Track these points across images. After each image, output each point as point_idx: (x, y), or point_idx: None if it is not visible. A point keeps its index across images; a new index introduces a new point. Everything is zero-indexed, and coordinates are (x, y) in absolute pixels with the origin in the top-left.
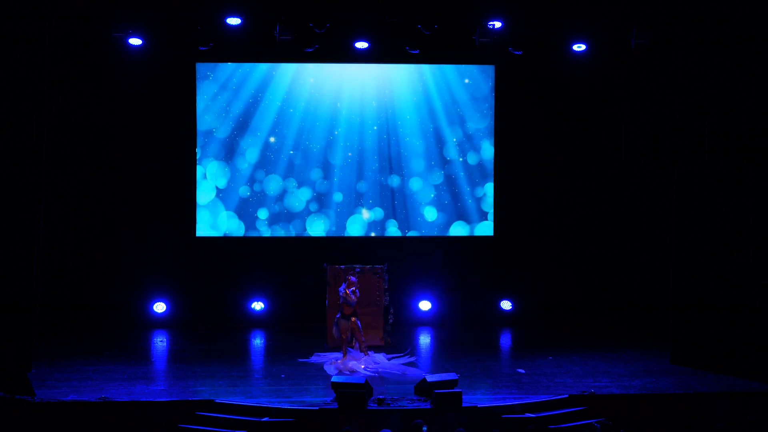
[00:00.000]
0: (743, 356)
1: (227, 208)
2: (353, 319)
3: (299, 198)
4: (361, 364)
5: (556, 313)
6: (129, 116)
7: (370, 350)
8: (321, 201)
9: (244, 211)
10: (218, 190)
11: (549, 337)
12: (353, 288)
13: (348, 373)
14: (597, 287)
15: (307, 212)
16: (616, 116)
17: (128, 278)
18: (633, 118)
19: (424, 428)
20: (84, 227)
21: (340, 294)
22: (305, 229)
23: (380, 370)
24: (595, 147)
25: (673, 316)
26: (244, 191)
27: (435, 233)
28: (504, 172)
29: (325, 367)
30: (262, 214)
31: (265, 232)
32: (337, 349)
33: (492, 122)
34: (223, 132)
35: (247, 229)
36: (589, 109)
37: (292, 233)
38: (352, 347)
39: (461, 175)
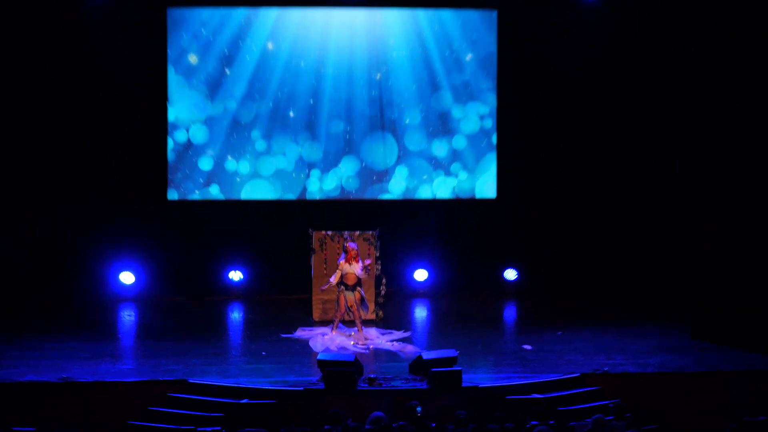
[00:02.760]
0: None
1: (202, 168)
2: (357, 289)
3: (281, 157)
4: (351, 340)
5: (566, 283)
6: (97, 68)
7: (361, 325)
8: (305, 161)
9: (221, 171)
10: (192, 149)
11: (557, 310)
12: (353, 255)
13: (336, 349)
14: (611, 256)
15: (289, 173)
16: (630, 70)
17: (92, 245)
18: (648, 73)
19: (419, 409)
20: (43, 190)
21: (339, 264)
22: (288, 191)
23: (372, 346)
24: (608, 104)
25: (694, 287)
26: (220, 150)
27: (431, 195)
28: (507, 128)
29: (311, 344)
30: (241, 174)
31: (244, 194)
32: (324, 323)
33: (495, 73)
34: (197, 86)
35: (223, 192)
36: (600, 61)
37: (274, 196)
38: (346, 321)
39: (461, 131)
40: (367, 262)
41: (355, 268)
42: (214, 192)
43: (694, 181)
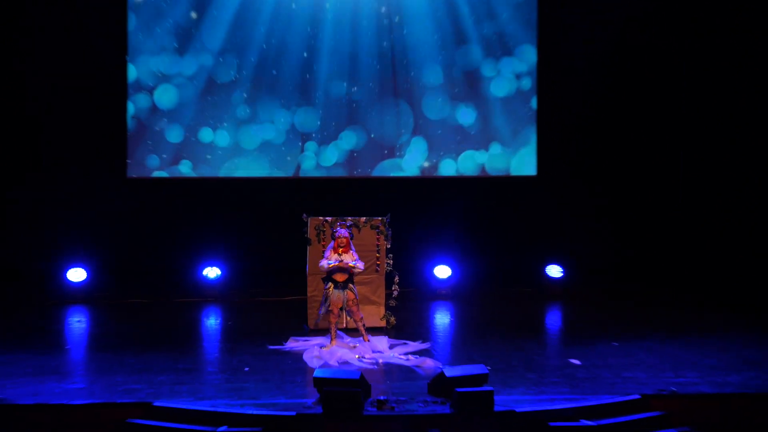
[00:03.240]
0: None
1: (170, 140)
2: (350, 286)
3: (269, 127)
4: (356, 353)
5: (623, 282)
6: (42, 16)
7: (368, 333)
8: (298, 131)
9: (193, 143)
10: (158, 116)
11: (613, 315)
12: (343, 243)
13: (337, 365)
14: (679, 248)
15: (279, 146)
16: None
17: (33, 235)
18: (713, 32)
19: None
20: None
21: (325, 258)
22: (277, 168)
23: (381, 360)
24: (668, 66)
25: None
26: (193, 118)
27: (455, 172)
28: (550, 90)
29: (305, 357)
30: (219, 147)
31: (223, 172)
32: (322, 332)
33: (535, 21)
34: (164, 38)
35: (197, 169)
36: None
37: (260, 173)
38: (344, 329)
39: (493, 94)
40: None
41: (346, 261)
42: (185, 169)
43: None
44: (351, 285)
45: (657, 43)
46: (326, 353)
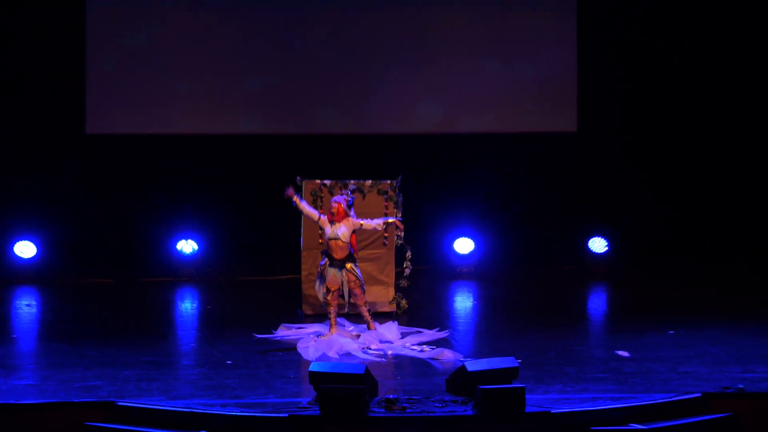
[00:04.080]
0: None
1: (138, 89)
2: (348, 266)
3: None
4: (359, 343)
5: (680, 258)
6: None
7: (374, 320)
8: (287, 75)
9: (166, 93)
10: (124, 59)
11: (668, 298)
12: (340, 212)
13: (337, 357)
14: (747, 219)
15: (265, 91)
16: None
17: None
18: None
19: None
20: None
21: (320, 220)
22: (265, 122)
23: (390, 352)
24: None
25: None
26: (165, 65)
27: (480, 127)
28: (595, 29)
29: (299, 348)
30: (195, 99)
31: (198, 126)
32: (319, 318)
33: None
34: None
35: (169, 123)
36: None
37: (244, 128)
38: (345, 315)
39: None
40: (379, 222)
41: (342, 233)
42: (156, 124)
43: None
44: (351, 265)
45: None
46: (324, 343)
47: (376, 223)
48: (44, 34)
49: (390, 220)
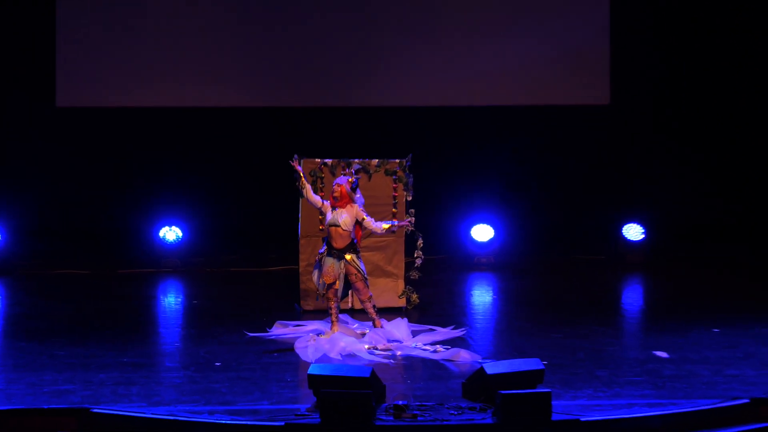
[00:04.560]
0: None
1: (114, 57)
2: (349, 258)
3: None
4: (365, 343)
5: (726, 247)
6: None
7: (381, 317)
8: (282, 35)
9: (145, 61)
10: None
11: (712, 291)
12: (344, 196)
13: (340, 358)
14: None
15: (257, 57)
16: None
17: None
18: None
19: None
20: None
21: (323, 206)
22: (255, 92)
23: (400, 352)
24: None
25: None
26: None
27: (501, 99)
28: None
29: (297, 348)
30: (178, 69)
31: (182, 98)
32: (320, 314)
33: None
34: None
35: (147, 96)
36: None
37: (233, 101)
38: (349, 310)
39: None
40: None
41: (343, 219)
42: (135, 95)
43: None
44: (352, 256)
45: None
46: (325, 343)
47: (379, 226)
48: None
49: (397, 225)
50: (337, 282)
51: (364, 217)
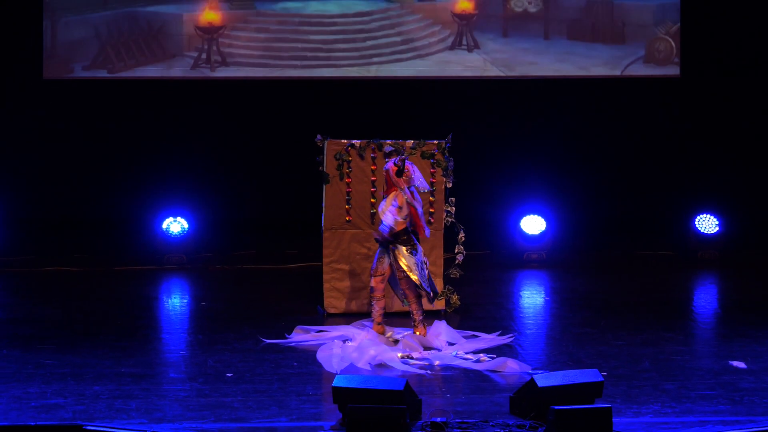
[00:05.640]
0: None
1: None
2: (396, 249)
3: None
4: (398, 351)
5: None
6: None
7: (425, 322)
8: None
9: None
10: None
11: None
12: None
13: (368, 368)
14: None
15: (279, 32)
16: None
17: None
18: None
19: None
20: None
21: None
22: (274, 63)
23: (438, 362)
24: None
25: None
26: None
27: (552, 71)
28: None
29: (320, 357)
30: (181, 33)
31: (187, 68)
32: (345, 317)
33: None
34: None
35: (148, 67)
36: None
37: (247, 72)
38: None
39: None
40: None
41: (382, 206)
42: (131, 64)
43: None
44: (400, 246)
45: None
46: (352, 351)
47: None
48: None
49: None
50: (382, 277)
51: (392, 204)
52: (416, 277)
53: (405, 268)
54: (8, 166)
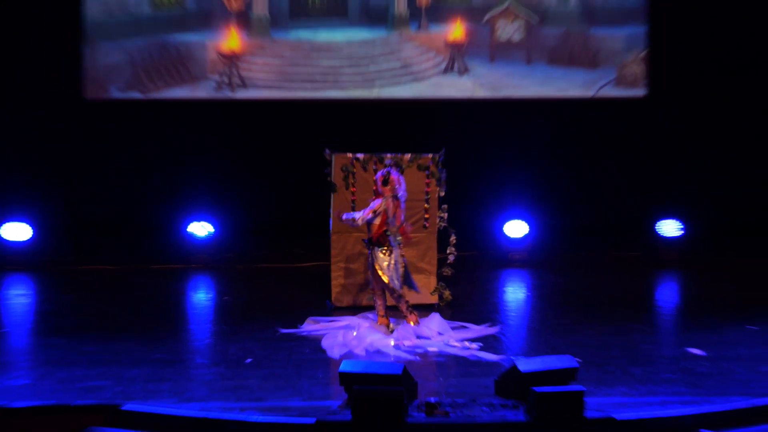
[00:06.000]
0: None
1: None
2: (371, 251)
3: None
4: (392, 339)
5: (765, 243)
6: None
7: (415, 313)
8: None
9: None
10: (125, 18)
11: (749, 288)
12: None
13: (364, 354)
14: None
15: (292, 58)
16: None
17: None
18: None
19: None
20: None
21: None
22: (288, 85)
23: (434, 348)
24: None
25: None
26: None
27: (534, 93)
28: None
29: (324, 344)
30: (206, 59)
31: (211, 90)
32: (350, 310)
33: None
34: None
35: (178, 84)
36: None
37: (265, 93)
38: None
39: None
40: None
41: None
42: (163, 87)
43: None
44: (376, 249)
45: None
46: (352, 339)
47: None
48: None
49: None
50: (369, 273)
51: (371, 206)
52: (386, 278)
53: (377, 268)
54: (53, 178)
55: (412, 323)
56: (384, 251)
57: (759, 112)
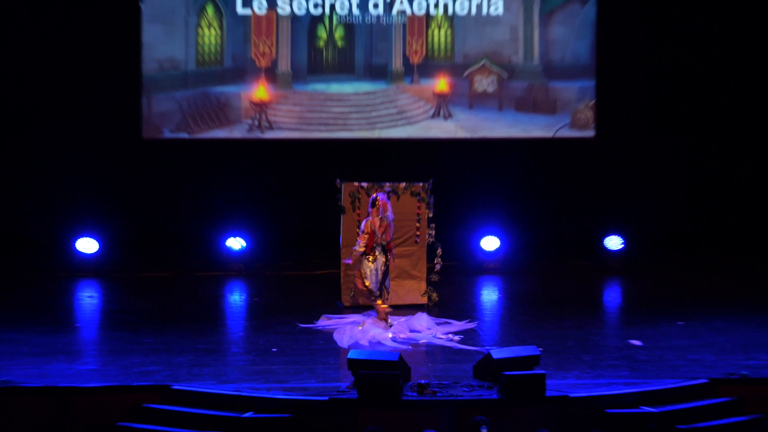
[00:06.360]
0: None
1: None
2: (365, 262)
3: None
4: (390, 332)
5: (693, 254)
6: None
7: (407, 312)
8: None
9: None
10: (176, 69)
11: (678, 291)
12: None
13: (368, 344)
14: (758, 217)
15: (309, 105)
16: None
17: (41, 202)
18: None
19: (483, 429)
20: None
21: (367, 224)
22: (307, 128)
23: (423, 340)
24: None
25: None
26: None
27: (504, 134)
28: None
29: (335, 337)
30: (242, 99)
31: (244, 131)
32: (359, 309)
33: None
34: None
35: (217, 127)
36: None
37: (289, 134)
38: (383, 308)
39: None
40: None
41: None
42: (205, 128)
43: None
44: (364, 258)
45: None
46: (358, 332)
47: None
48: (100, 48)
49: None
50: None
51: (360, 229)
52: (368, 283)
53: (360, 274)
54: (117, 201)
55: (383, 321)
56: (370, 259)
57: (684, 150)
